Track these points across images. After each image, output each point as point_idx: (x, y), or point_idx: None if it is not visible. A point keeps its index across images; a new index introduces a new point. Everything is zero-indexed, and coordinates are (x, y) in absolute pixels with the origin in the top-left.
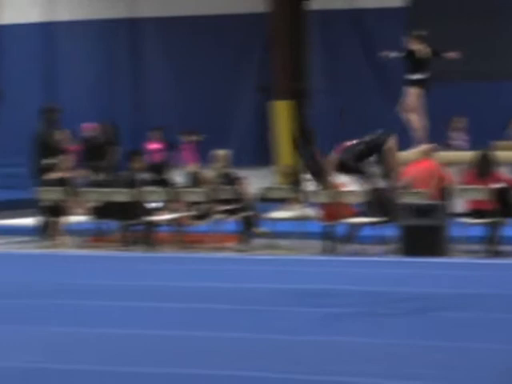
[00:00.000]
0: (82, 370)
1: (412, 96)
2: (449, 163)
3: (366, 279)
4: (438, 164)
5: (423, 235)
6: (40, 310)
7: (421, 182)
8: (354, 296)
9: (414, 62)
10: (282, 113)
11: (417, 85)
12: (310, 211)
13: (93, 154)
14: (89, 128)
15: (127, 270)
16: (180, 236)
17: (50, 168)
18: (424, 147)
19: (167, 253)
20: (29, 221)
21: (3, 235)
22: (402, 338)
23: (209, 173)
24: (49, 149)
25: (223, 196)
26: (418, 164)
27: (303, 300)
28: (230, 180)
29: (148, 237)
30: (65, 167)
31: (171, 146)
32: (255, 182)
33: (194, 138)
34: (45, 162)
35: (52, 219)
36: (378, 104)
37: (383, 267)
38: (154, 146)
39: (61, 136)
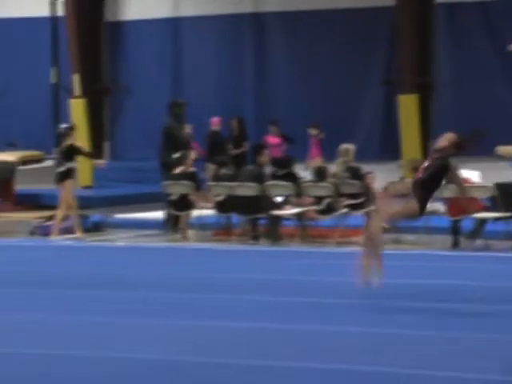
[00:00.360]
0: (219, 363)
1: None
2: None
3: (491, 275)
4: None
5: None
6: (171, 303)
7: None
8: (479, 292)
9: None
10: (408, 106)
11: None
12: (437, 206)
13: (219, 147)
14: (216, 122)
15: (253, 263)
16: (305, 230)
17: (178, 162)
18: None
19: (292, 247)
20: (157, 214)
21: (132, 229)
22: None
23: (334, 167)
24: (177, 143)
25: (348, 190)
26: None
27: (428, 295)
28: (356, 174)
29: (274, 231)
30: (190, 161)
31: (288, 140)
32: (381, 176)
33: (314, 132)
34: (174, 155)
35: (178, 213)
36: (506, 97)
37: (509, 263)
38: (271, 139)
39: (188, 130)
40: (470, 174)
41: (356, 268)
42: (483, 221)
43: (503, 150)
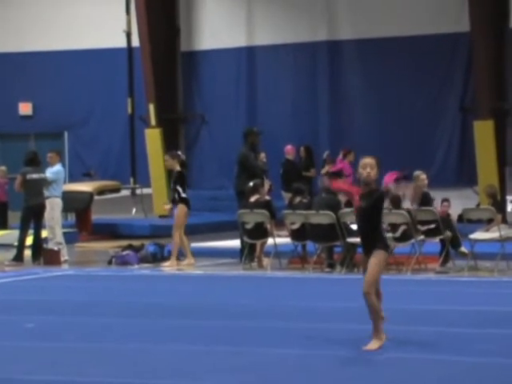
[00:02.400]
0: None
1: None
2: None
3: None
4: None
5: None
6: (244, 331)
7: None
8: None
9: None
10: (484, 132)
11: None
12: None
13: (294, 176)
14: (290, 150)
15: (329, 291)
16: None
17: (252, 190)
18: None
19: None
20: (233, 243)
21: (208, 257)
22: None
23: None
24: (252, 171)
25: (421, 217)
26: None
27: (505, 323)
28: (425, 200)
29: (349, 258)
30: (265, 190)
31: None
32: (457, 202)
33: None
34: (249, 184)
35: (254, 241)
36: None
37: None
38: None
39: (263, 159)
40: None
41: None
42: None
43: None
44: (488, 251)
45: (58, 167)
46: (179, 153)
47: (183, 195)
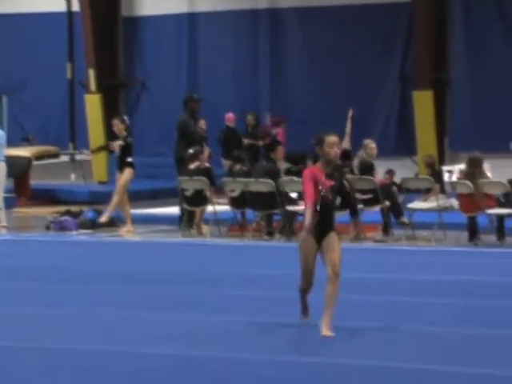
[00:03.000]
0: (232, 357)
1: None
2: None
3: (507, 271)
4: None
5: None
6: (180, 297)
7: None
8: (497, 287)
9: None
10: (423, 103)
11: None
12: (452, 202)
13: (234, 143)
14: (231, 118)
15: (267, 259)
16: None
17: (192, 157)
18: None
19: None
20: (172, 210)
21: (146, 224)
22: None
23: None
24: (192, 138)
25: (362, 186)
26: None
27: (442, 291)
28: (365, 169)
29: (289, 226)
30: (205, 157)
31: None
32: (397, 172)
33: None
34: (189, 151)
35: (193, 208)
36: None
37: None
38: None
39: (203, 126)
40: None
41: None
42: (498, 217)
43: None
44: (426, 221)
45: (0, 131)
46: (125, 118)
47: (130, 159)
